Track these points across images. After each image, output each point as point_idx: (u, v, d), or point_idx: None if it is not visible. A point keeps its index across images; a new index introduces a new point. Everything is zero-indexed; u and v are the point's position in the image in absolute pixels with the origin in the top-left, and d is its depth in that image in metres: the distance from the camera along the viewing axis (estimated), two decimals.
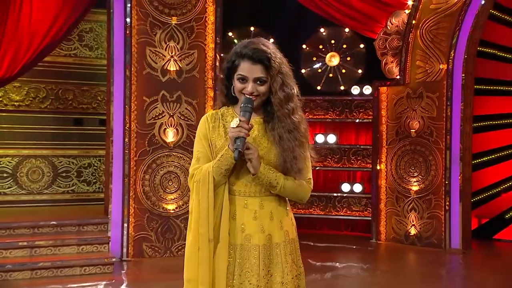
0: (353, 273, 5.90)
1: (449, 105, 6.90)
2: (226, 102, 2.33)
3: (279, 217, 2.24)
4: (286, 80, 2.22)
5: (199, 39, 6.40)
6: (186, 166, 6.32)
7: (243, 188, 2.22)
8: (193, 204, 2.22)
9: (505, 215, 7.75)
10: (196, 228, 2.18)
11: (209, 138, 2.27)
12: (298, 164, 2.20)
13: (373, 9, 7.51)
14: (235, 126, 2.08)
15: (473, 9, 6.84)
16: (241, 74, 2.18)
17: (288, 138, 2.18)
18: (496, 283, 5.56)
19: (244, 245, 2.19)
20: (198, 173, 2.22)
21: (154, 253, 6.26)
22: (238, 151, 2.07)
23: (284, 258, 2.22)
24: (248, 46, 2.20)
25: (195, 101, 6.37)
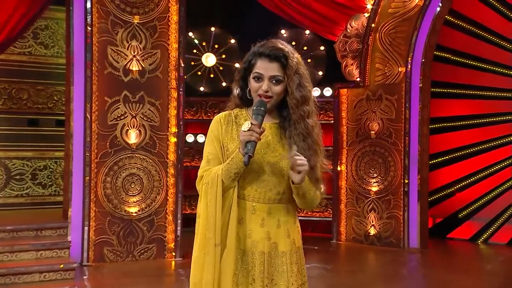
0: (317, 273, 5.95)
1: (407, 107, 7.08)
2: (241, 104, 2.27)
3: (286, 226, 2.19)
4: (303, 82, 2.16)
5: (162, 39, 6.29)
6: (149, 168, 6.21)
7: (252, 193, 2.16)
8: (201, 207, 2.16)
9: (459, 214, 8.01)
10: (203, 231, 2.12)
11: (221, 140, 2.21)
12: (315, 174, 2.15)
13: (333, 12, 7.61)
14: (246, 130, 2.02)
15: (430, 15, 7.04)
16: (257, 72, 2.13)
17: (303, 147, 2.12)
18: (455, 281, 5.73)
19: (250, 251, 2.14)
20: (207, 175, 2.15)
21: (115, 258, 6.11)
22: (248, 155, 2.01)
23: (290, 267, 2.17)
24: (266, 44, 2.17)
25: (158, 102, 6.26)
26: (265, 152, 2.15)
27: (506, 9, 7.72)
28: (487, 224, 7.81)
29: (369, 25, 7.28)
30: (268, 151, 2.16)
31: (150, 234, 6.24)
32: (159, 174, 6.25)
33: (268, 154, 2.16)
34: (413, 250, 6.98)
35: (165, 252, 6.30)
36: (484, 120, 7.86)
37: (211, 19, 8.24)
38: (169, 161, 6.29)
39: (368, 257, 6.96)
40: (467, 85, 7.98)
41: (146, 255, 6.22)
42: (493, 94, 7.83)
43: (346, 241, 7.50)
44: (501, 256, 7.05)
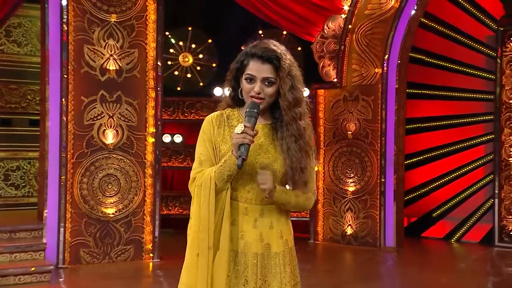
0: None
1: (384, 108, 7.16)
2: (232, 104, 2.25)
3: (279, 227, 2.19)
4: (296, 84, 2.15)
5: (139, 38, 6.23)
6: (126, 168, 6.13)
7: (245, 194, 2.15)
8: (194, 209, 2.14)
9: (433, 213, 8.14)
10: (196, 233, 2.10)
11: (213, 141, 2.19)
12: (304, 176, 2.15)
13: (311, 13, 7.65)
14: (240, 132, 2.01)
15: (406, 17, 7.14)
16: (249, 73, 2.11)
17: (295, 149, 2.12)
18: (431, 280, 5.82)
19: (243, 253, 2.13)
20: (200, 177, 2.14)
21: (92, 259, 6.02)
22: (241, 158, 2.00)
23: (283, 268, 2.16)
24: (258, 45, 2.14)
25: (136, 102, 6.19)
26: (258, 154, 2.14)
27: (479, 12, 7.88)
28: (460, 223, 7.96)
29: (346, 26, 7.34)
30: (260, 152, 2.15)
31: (127, 236, 6.16)
32: (136, 174, 6.18)
33: (261, 156, 2.15)
34: (389, 249, 7.06)
35: (143, 253, 6.23)
36: (457, 121, 8.01)
37: (188, 18, 8.20)
38: (147, 161, 6.23)
39: (345, 257, 7.01)
40: (441, 86, 8.12)
41: (123, 256, 6.14)
42: (466, 95, 7.98)
43: (323, 241, 7.54)
44: (474, 254, 7.19)
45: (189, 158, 8.15)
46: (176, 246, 6.86)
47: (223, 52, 8.12)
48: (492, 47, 7.75)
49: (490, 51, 7.80)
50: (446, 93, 8.08)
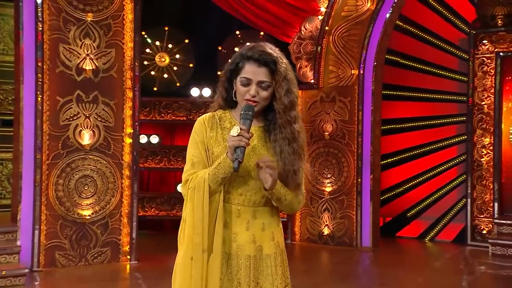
0: None
1: (360, 109, 7.23)
2: (224, 105, 2.23)
3: (271, 228, 2.19)
4: (291, 87, 2.15)
5: (116, 38, 6.15)
6: (103, 169, 6.06)
7: (237, 196, 2.14)
8: (187, 212, 2.11)
9: (407, 213, 8.26)
10: (190, 237, 2.07)
11: (205, 142, 2.16)
12: (297, 179, 2.15)
13: (288, 14, 7.69)
14: (236, 135, 1.99)
15: (381, 19, 7.23)
16: (245, 76, 2.09)
17: (289, 152, 2.12)
18: (407, 279, 5.91)
19: (236, 255, 2.12)
20: (193, 179, 2.11)
21: (67, 262, 5.92)
22: (238, 161, 1.98)
23: (274, 270, 2.16)
24: (255, 48, 2.12)
25: (112, 102, 6.11)
26: (251, 157, 2.13)
27: (452, 15, 8.03)
28: (434, 222, 8.09)
29: (323, 28, 7.39)
30: (253, 155, 2.13)
31: (104, 238, 6.08)
32: (113, 175, 6.11)
33: (254, 158, 2.13)
34: (365, 249, 7.14)
35: (120, 255, 6.16)
36: (431, 122, 8.14)
37: (164, 18, 8.14)
38: (124, 162, 6.16)
39: (322, 257, 7.06)
40: (416, 88, 8.24)
41: (99, 259, 6.06)
42: (440, 97, 8.12)
43: (301, 241, 7.58)
44: (448, 253, 7.32)
45: (166, 159, 8.10)
46: (153, 248, 6.87)
47: (200, 52, 8.09)
48: (465, 49, 7.90)
49: (462, 53, 7.96)
50: (420, 95, 8.21)
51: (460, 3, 7.98)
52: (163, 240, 7.62)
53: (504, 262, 6.60)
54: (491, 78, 7.64)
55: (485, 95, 7.67)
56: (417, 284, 5.66)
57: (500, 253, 6.97)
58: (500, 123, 7.61)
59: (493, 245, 7.08)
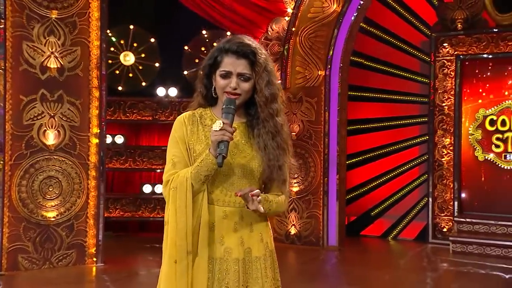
0: None
1: (326, 109, 7.32)
2: (205, 103, 2.17)
3: (259, 229, 2.14)
4: (272, 79, 2.10)
5: (82, 36, 6.03)
6: (68, 170, 5.92)
7: (222, 197, 2.07)
8: (169, 213, 2.03)
9: (371, 212, 8.41)
10: (173, 239, 2.01)
11: (186, 141, 2.10)
12: (283, 175, 2.10)
13: (254, 14, 7.71)
14: (218, 129, 1.93)
15: (347, 21, 7.33)
16: (225, 69, 2.04)
17: (273, 146, 2.07)
18: (375, 277, 6.01)
19: (224, 259, 2.06)
20: (174, 179, 2.03)
21: (31, 265, 5.77)
22: (222, 156, 1.93)
23: (264, 273, 2.11)
24: (232, 40, 2.08)
25: (78, 101, 5.99)
26: (234, 153, 2.07)
27: (414, 18, 8.22)
28: (397, 221, 8.27)
29: (290, 29, 7.44)
30: (237, 152, 2.08)
31: (69, 240, 5.95)
32: (79, 176, 5.99)
33: (237, 155, 2.08)
34: (331, 248, 7.23)
35: (86, 258, 6.04)
36: (394, 123, 8.31)
37: (129, 16, 8.02)
38: (90, 163, 6.04)
39: (290, 257, 7.10)
40: (379, 89, 8.40)
41: (64, 261, 5.93)
42: (403, 98, 8.30)
43: None
44: (411, 251, 7.48)
45: (131, 159, 7.99)
46: (118, 250, 6.76)
47: (166, 52, 8.01)
48: (426, 52, 8.10)
49: (424, 56, 8.16)
50: (384, 96, 8.37)
51: (421, 7, 8.18)
52: (129, 242, 7.52)
53: (464, 259, 6.80)
54: (451, 80, 7.86)
55: (445, 97, 7.88)
56: (384, 282, 5.77)
57: (460, 250, 7.18)
58: (460, 124, 7.83)
59: (454, 242, 7.28)
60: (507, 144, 7.64)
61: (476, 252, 7.09)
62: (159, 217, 7.93)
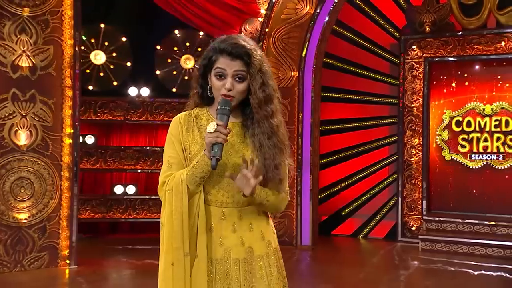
0: None
1: (300, 110, 7.38)
2: (201, 103, 2.15)
3: (259, 228, 2.11)
4: (267, 80, 2.07)
5: (55, 34, 5.92)
6: (41, 171, 5.81)
7: (219, 197, 2.05)
8: (165, 215, 2.01)
9: (342, 212, 8.52)
10: (170, 241, 1.98)
11: (182, 142, 2.08)
12: (279, 174, 2.07)
13: (228, 15, 7.70)
14: (212, 131, 1.91)
15: (320, 23, 7.41)
16: (219, 67, 2.02)
17: (268, 145, 2.04)
18: (349, 275, 6.11)
19: (223, 260, 2.04)
20: (170, 181, 2.02)
21: (2, 268, 5.64)
22: (216, 158, 1.91)
23: (268, 271, 2.09)
24: (227, 41, 2.05)
25: (51, 101, 5.87)
26: (230, 154, 2.06)
27: (384, 21, 8.38)
28: (367, 220, 8.40)
29: (263, 30, 7.48)
30: (232, 152, 2.06)
31: (41, 242, 5.84)
32: (52, 177, 5.87)
33: (233, 155, 2.06)
34: (305, 247, 7.30)
35: (58, 260, 5.93)
36: (365, 123, 8.46)
37: (100, 15, 7.89)
38: (64, 163, 5.94)
39: None
40: (351, 90, 8.52)
41: (37, 264, 5.81)
42: (372, 99, 8.45)
43: None
44: (381, 249, 7.62)
45: (102, 160, 7.88)
46: (90, 252, 6.66)
47: (138, 51, 7.93)
48: (396, 54, 8.27)
49: (393, 58, 8.32)
50: (355, 97, 8.51)
51: (391, 10, 8.35)
52: (100, 243, 7.42)
53: (433, 257, 6.98)
54: (419, 82, 8.04)
55: (414, 98, 8.06)
56: (359, 280, 5.87)
57: (429, 248, 7.36)
58: (428, 125, 8.02)
59: (423, 240, 7.46)
60: (472, 145, 7.87)
61: (444, 250, 7.28)
62: (131, 218, 7.85)
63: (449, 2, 7.74)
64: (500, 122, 7.72)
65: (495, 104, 7.75)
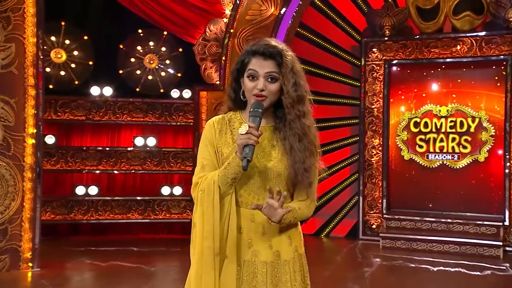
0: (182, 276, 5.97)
1: None
2: (234, 107, 2.18)
3: (288, 233, 2.13)
4: (299, 80, 2.11)
5: (17, 32, 5.77)
6: (2, 172, 5.65)
7: (250, 199, 2.07)
8: (197, 215, 2.04)
9: None
10: (201, 242, 2.00)
11: (215, 144, 2.11)
12: (309, 177, 2.10)
13: (193, 15, 7.71)
14: (244, 133, 1.93)
15: (285, 24, 7.52)
16: (252, 68, 2.04)
17: (299, 148, 2.07)
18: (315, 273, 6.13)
19: (251, 261, 2.06)
20: (202, 182, 2.05)
21: None
22: (247, 160, 1.93)
23: (293, 276, 2.11)
24: (259, 42, 2.10)
25: (13, 100, 5.72)
26: (261, 156, 2.08)
27: (345, 24, 8.54)
28: (329, 219, 8.55)
29: (228, 30, 7.51)
30: (263, 155, 2.09)
31: (2, 245, 5.68)
32: (14, 178, 5.72)
33: (264, 158, 2.08)
34: None
35: (20, 263, 5.79)
36: (327, 124, 8.59)
37: (61, 12, 7.73)
38: (26, 164, 5.79)
39: None
40: (312, 91, 8.59)
41: None
42: (335, 100, 8.60)
43: None
44: (344, 248, 7.77)
45: (62, 160, 7.72)
46: (52, 254, 6.52)
47: (101, 50, 7.81)
48: (357, 56, 8.45)
49: (355, 60, 8.50)
50: (318, 98, 8.53)
51: (352, 13, 8.53)
52: (60, 246, 7.26)
53: (394, 254, 7.18)
54: (380, 84, 8.25)
55: (375, 99, 8.26)
56: (325, 278, 5.97)
57: (389, 246, 7.57)
58: (388, 126, 8.24)
59: (383, 238, 7.66)
60: (429, 145, 8.13)
61: (404, 247, 7.49)
62: (93, 219, 7.73)
63: (407, 6, 7.96)
64: (455, 123, 7.99)
65: (451, 106, 8.02)
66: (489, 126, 7.77)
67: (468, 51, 7.74)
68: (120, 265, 6.11)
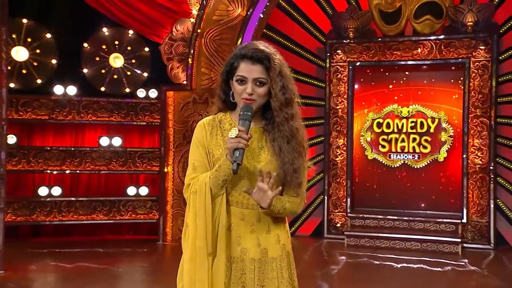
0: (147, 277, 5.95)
1: None
2: (224, 108, 2.21)
3: (276, 231, 2.18)
4: (287, 84, 2.16)
5: None
6: None
7: (240, 199, 2.12)
8: (190, 216, 2.07)
9: None
10: (194, 241, 2.05)
11: (206, 146, 2.15)
12: (298, 178, 2.14)
13: (159, 14, 7.66)
14: (234, 137, 1.98)
15: (252, 25, 7.57)
16: (240, 75, 2.09)
17: (288, 150, 2.11)
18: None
19: (240, 259, 2.11)
20: (194, 183, 2.09)
21: None
22: (236, 163, 1.98)
23: (280, 273, 2.15)
24: (248, 46, 2.13)
25: None
26: (251, 158, 2.13)
27: (311, 26, 8.66)
28: (294, 218, 8.64)
29: (195, 30, 7.50)
30: (253, 156, 2.13)
31: None
32: None
33: (254, 159, 2.13)
34: None
35: None
36: None
37: (22, 9, 7.54)
38: None
39: None
40: None
41: None
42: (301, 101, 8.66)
43: (173, 242, 7.60)
44: (310, 246, 7.88)
45: (24, 160, 7.54)
46: (14, 256, 6.37)
47: (64, 48, 7.66)
48: (322, 58, 8.58)
49: (320, 61, 8.63)
50: None
51: (317, 15, 8.64)
52: (22, 248, 7.09)
53: (359, 252, 7.33)
54: (344, 85, 8.40)
55: (339, 100, 8.41)
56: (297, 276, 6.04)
57: (354, 244, 7.72)
58: (352, 126, 8.40)
59: (348, 236, 7.81)
60: (391, 145, 8.34)
61: (368, 245, 7.66)
62: (56, 220, 7.57)
63: (370, 9, 8.14)
64: (416, 123, 8.23)
65: (412, 107, 8.25)
66: (448, 126, 8.02)
67: (428, 54, 7.97)
68: (88, 266, 6.03)
